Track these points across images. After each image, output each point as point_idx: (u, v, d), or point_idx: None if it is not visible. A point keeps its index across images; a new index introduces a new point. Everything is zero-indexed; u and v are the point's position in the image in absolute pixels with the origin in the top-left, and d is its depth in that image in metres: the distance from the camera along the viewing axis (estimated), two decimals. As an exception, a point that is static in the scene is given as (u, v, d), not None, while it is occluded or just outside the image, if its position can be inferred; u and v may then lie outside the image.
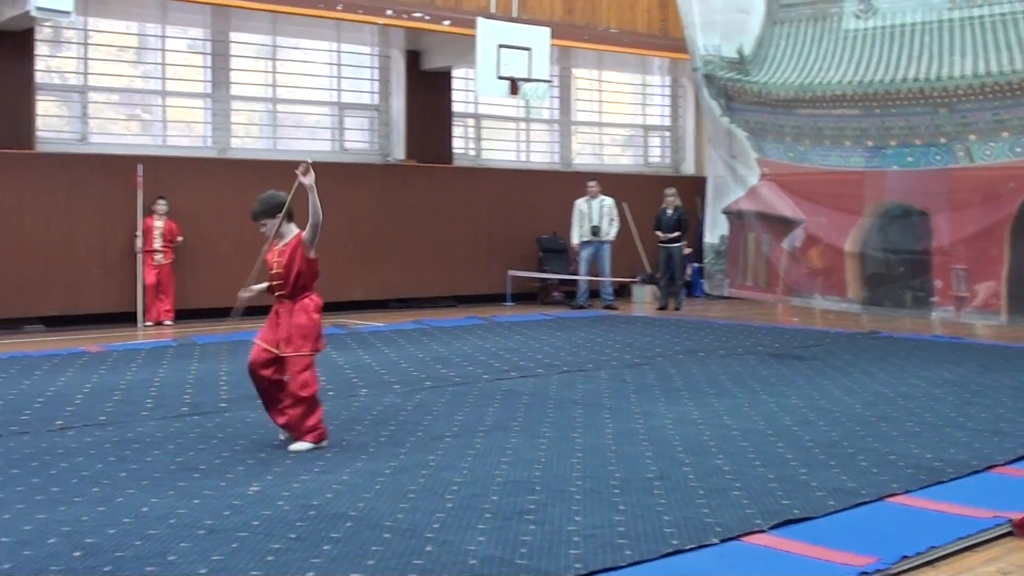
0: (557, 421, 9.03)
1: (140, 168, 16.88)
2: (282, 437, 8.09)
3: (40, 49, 17.21)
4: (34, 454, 7.82)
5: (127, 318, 16.92)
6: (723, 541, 5.73)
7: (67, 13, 14.71)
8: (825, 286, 17.57)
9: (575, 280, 20.57)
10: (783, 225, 18.08)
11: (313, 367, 8.13)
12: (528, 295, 21.24)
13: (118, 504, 6.44)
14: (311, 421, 7.98)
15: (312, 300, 8.23)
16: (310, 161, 8.00)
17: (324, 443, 8.01)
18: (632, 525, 5.94)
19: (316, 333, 8.11)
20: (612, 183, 21.25)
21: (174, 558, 5.43)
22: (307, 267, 8.13)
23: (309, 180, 7.78)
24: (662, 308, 19.87)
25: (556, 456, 7.65)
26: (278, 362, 8.06)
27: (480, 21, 18.04)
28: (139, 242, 16.95)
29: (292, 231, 8.22)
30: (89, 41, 17.92)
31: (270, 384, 8.06)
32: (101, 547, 5.60)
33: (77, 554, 5.50)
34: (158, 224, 17.02)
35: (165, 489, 6.78)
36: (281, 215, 8.05)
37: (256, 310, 9.25)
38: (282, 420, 8.07)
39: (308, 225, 7.98)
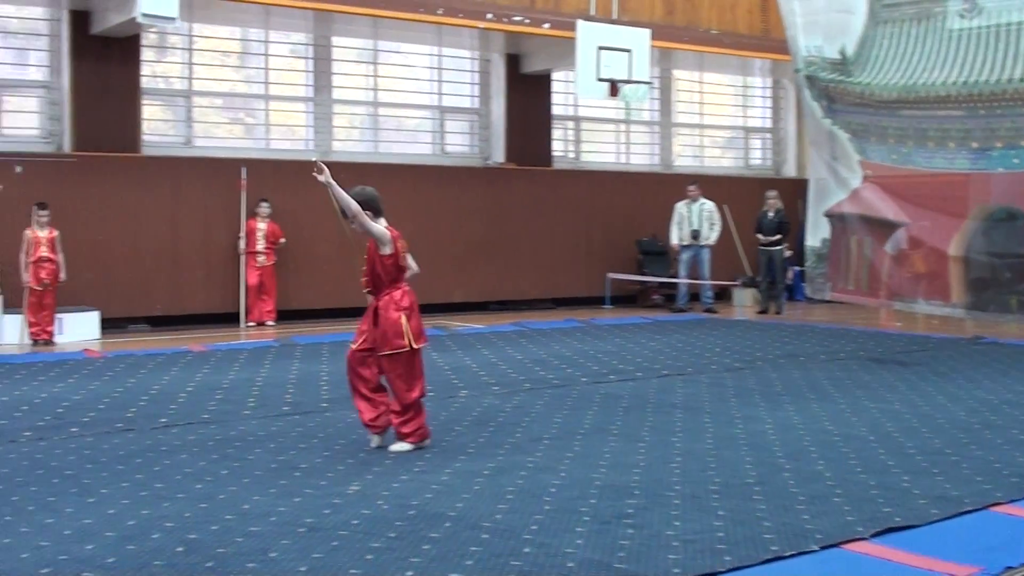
0: (656, 425, 8.98)
1: (243, 171, 17.10)
2: (373, 443, 8.12)
3: (146, 55, 17.50)
4: (139, 451, 7.96)
5: (230, 318, 17.15)
6: (823, 548, 5.65)
7: (172, 19, 14.94)
8: (928, 290, 17.27)
9: (675, 283, 20.46)
10: (886, 228, 17.80)
11: (415, 366, 8.10)
12: (627, 298, 21.17)
13: (220, 501, 6.52)
14: (414, 424, 8.02)
15: (392, 298, 8.09)
16: (316, 159, 7.98)
17: (426, 442, 8.04)
18: (731, 530, 5.90)
19: (397, 330, 7.98)
20: (712, 185, 21.12)
21: (275, 555, 5.49)
22: (382, 264, 8.07)
23: (324, 178, 7.76)
24: (763, 312, 19.69)
25: (655, 460, 7.61)
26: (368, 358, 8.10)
27: (580, 23, 18.02)
28: (242, 244, 17.17)
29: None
30: (194, 46, 18.22)
31: (354, 375, 8.12)
32: (203, 543, 5.68)
33: (180, 549, 5.58)
34: (261, 226, 17.23)
35: (266, 487, 6.86)
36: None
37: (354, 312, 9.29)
38: (369, 416, 8.11)
39: (348, 219, 7.95)
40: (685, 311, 19.79)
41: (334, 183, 7.78)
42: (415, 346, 8.05)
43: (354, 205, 7.82)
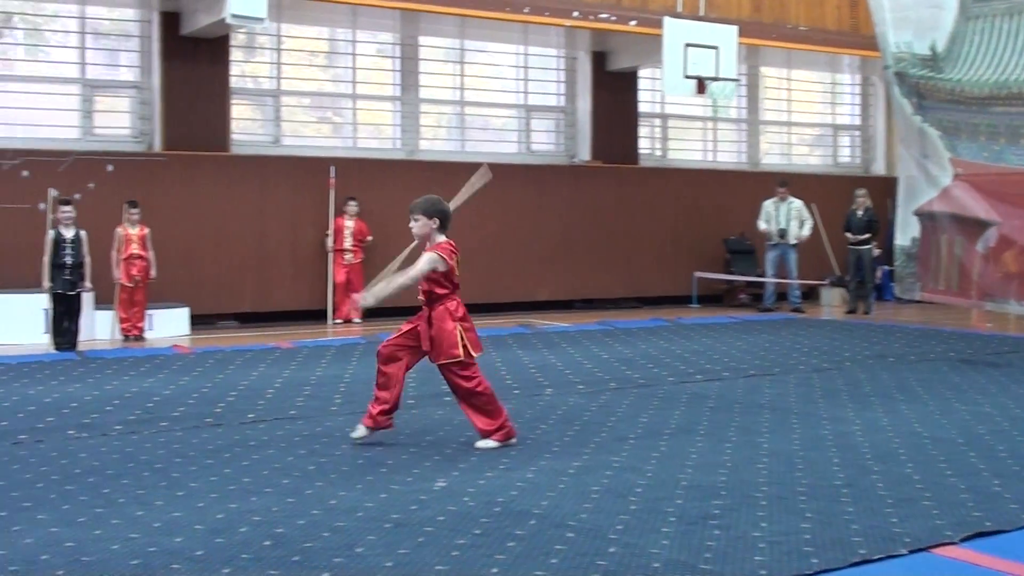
0: (743, 425, 8.91)
1: (332, 170, 17.24)
2: (353, 436, 8.18)
3: (235, 55, 17.72)
4: (227, 446, 8.06)
5: (317, 315, 17.29)
6: (912, 552, 5.56)
7: (261, 20, 15.11)
8: (1020, 291, 16.96)
9: (762, 282, 20.31)
10: (977, 227, 17.50)
11: (474, 372, 8.08)
12: (714, 297, 21.06)
13: (307, 496, 6.58)
14: (496, 422, 8.04)
15: (446, 308, 8.08)
16: (359, 303, 8.47)
17: (512, 441, 8.05)
18: (819, 533, 5.83)
19: (452, 341, 7.97)
20: (801, 183, 20.94)
21: (361, 550, 5.52)
22: (438, 278, 8.15)
23: (371, 301, 8.25)
24: (851, 312, 19.48)
25: (742, 461, 7.55)
26: (399, 359, 8.15)
27: (667, 20, 17.95)
28: (329, 242, 17.31)
29: (438, 240, 8.31)
30: (282, 46, 18.40)
31: (378, 373, 8.19)
32: (290, 537, 5.73)
33: (267, 543, 5.63)
34: (348, 224, 17.36)
35: (353, 483, 6.90)
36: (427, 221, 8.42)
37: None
38: (373, 413, 8.17)
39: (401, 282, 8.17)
40: (772, 311, 19.63)
41: (378, 295, 8.24)
42: (474, 354, 8.03)
43: (407, 281, 8.12)
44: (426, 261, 8.05)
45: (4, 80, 16.54)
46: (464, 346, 7.96)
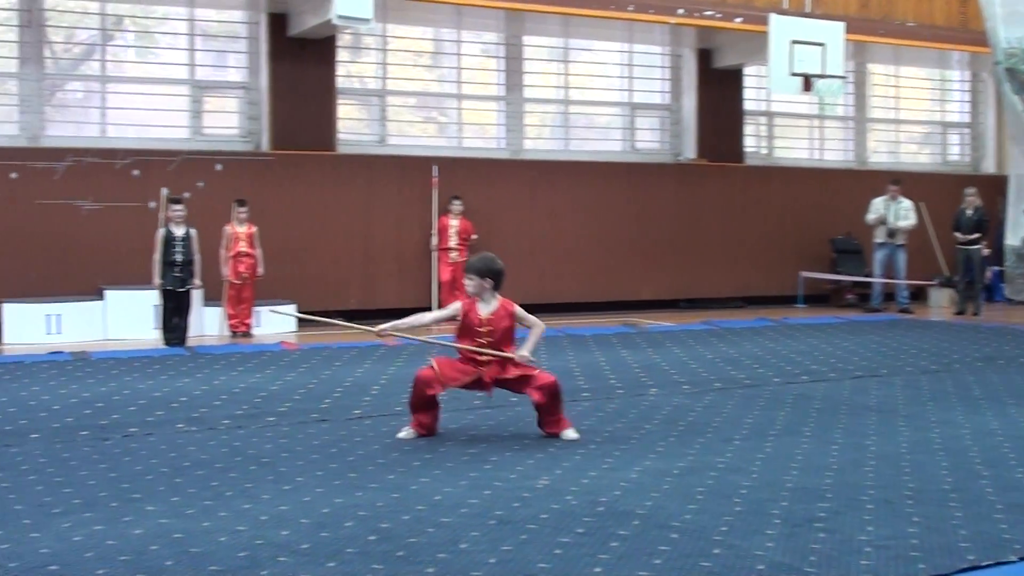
0: (849, 427, 8.81)
1: (435, 168, 17.36)
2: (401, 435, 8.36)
3: (341, 55, 17.89)
4: (333, 441, 8.14)
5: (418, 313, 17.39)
6: (1022, 559, 5.47)
7: (367, 20, 15.24)
8: None
9: (869, 282, 20.05)
10: (1092, 227, 17.17)
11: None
12: (820, 297, 20.84)
13: (412, 491, 6.63)
14: (563, 411, 8.41)
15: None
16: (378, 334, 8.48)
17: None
18: (926, 538, 5.75)
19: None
20: (909, 182, 20.61)
21: (465, 546, 5.55)
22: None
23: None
24: (960, 313, 19.15)
25: (848, 463, 7.46)
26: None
27: (773, 17, 17.81)
28: (434, 240, 17.43)
29: (496, 298, 8.60)
30: (387, 47, 18.54)
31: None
32: (395, 532, 5.78)
33: (372, 538, 5.69)
34: (453, 223, 17.45)
35: (457, 479, 6.94)
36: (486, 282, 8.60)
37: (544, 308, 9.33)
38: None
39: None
40: (879, 311, 19.37)
41: (396, 324, 8.44)
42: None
43: (426, 318, 8.76)
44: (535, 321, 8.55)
45: (115, 82, 16.87)
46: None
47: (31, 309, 14.76)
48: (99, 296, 15.20)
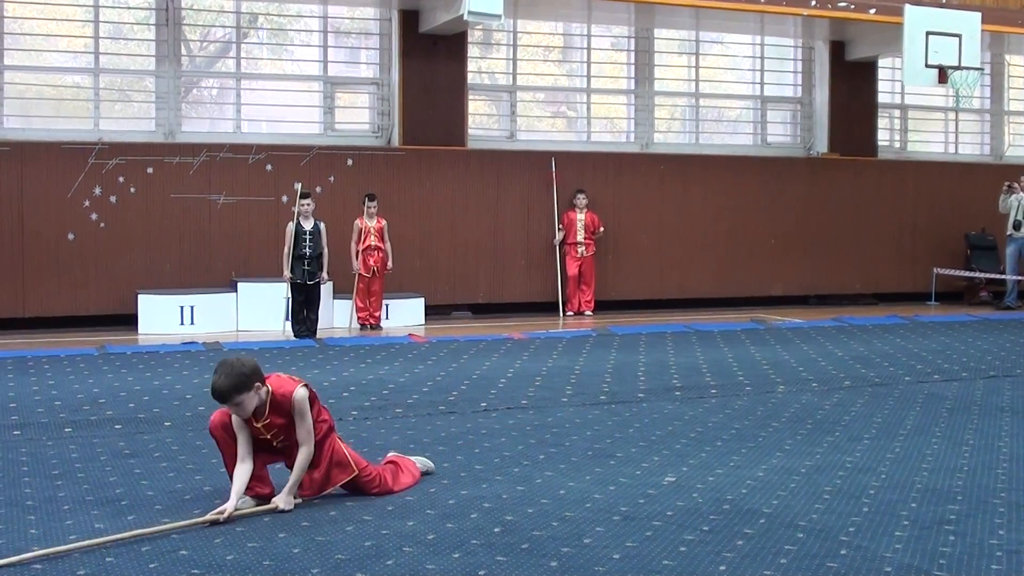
0: (982, 428, 8.63)
1: (552, 162, 17.42)
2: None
3: (472, 51, 17.97)
4: (459, 433, 8.21)
5: (548, 307, 17.45)
6: None
7: (498, 16, 15.28)
8: None
9: (1004, 279, 19.59)
10: None
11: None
12: (954, 294, 20.42)
13: (537, 485, 6.66)
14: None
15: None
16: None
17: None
18: (1062, 541, 5.63)
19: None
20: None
21: (589, 541, 5.56)
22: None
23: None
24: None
25: (980, 465, 7.32)
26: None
27: (907, 8, 17.47)
28: (560, 235, 17.45)
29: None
30: (517, 42, 18.58)
31: None
32: (519, 525, 5.82)
33: (497, 530, 5.73)
34: (580, 217, 17.45)
35: (582, 474, 6.95)
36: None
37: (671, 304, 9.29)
38: None
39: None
40: (1014, 309, 18.90)
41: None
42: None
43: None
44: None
45: (250, 78, 17.15)
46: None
47: (166, 300, 15.10)
48: (232, 288, 15.49)
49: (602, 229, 17.54)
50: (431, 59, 17.15)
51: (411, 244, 16.60)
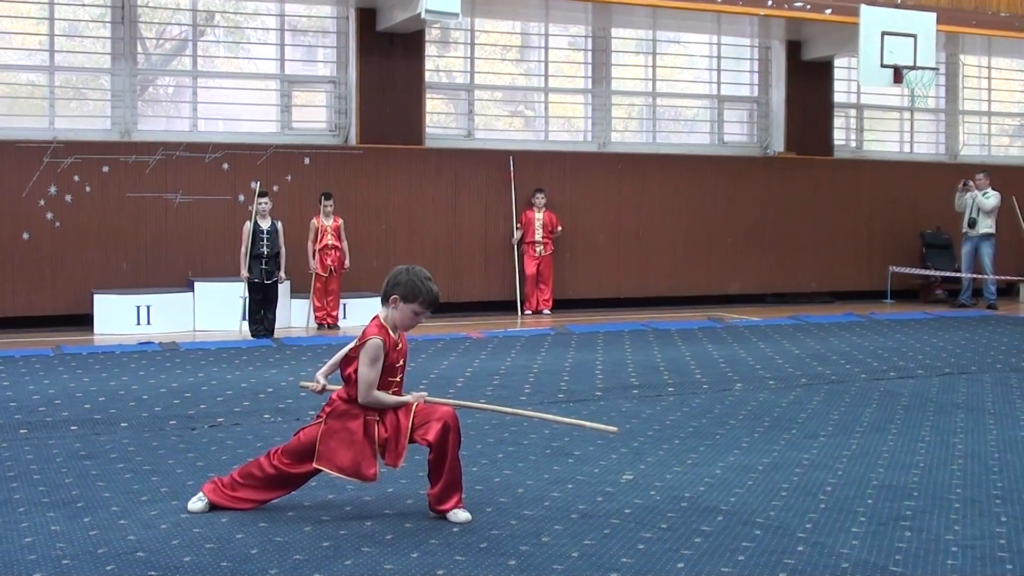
0: (937, 425, 8.70)
1: (511, 160, 17.45)
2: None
3: (429, 50, 17.96)
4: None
5: (507, 306, 17.46)
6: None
7: (455, 15, 15.28)
8: None
9: (959, 277, 19.74)
10: None
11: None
12: (909, 292, 20.57)
13: (495, 484, 6.66)
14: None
15: None
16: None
17: None
18: (1014, 538, 5.67)
19: None
20: (1001, 175, 20.29)
21: (547, 539, 5.57)
22: None
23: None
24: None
25: (935, 462, 7.38)
26: None
27: (863, 8, 17.60)
28: (517, 234, 17.47)
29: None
30: (475, 41, 18.58)
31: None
32: (477, 524, 5.83)
33: (455, 529, 5.73)
34: (538, 216, 17.47)
35: (541, 472, 6.96)
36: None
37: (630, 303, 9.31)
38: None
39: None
40: (968, 307, 19.07)
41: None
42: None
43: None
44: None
45: (206, 77, 17.06)
46: None
47: (122, 300, 15.00)
48: (189, 288, 15.41)
49: (560, 228, 17.58)
50: (388, 57, 17.12)
51: (368, 243, 16.58)
